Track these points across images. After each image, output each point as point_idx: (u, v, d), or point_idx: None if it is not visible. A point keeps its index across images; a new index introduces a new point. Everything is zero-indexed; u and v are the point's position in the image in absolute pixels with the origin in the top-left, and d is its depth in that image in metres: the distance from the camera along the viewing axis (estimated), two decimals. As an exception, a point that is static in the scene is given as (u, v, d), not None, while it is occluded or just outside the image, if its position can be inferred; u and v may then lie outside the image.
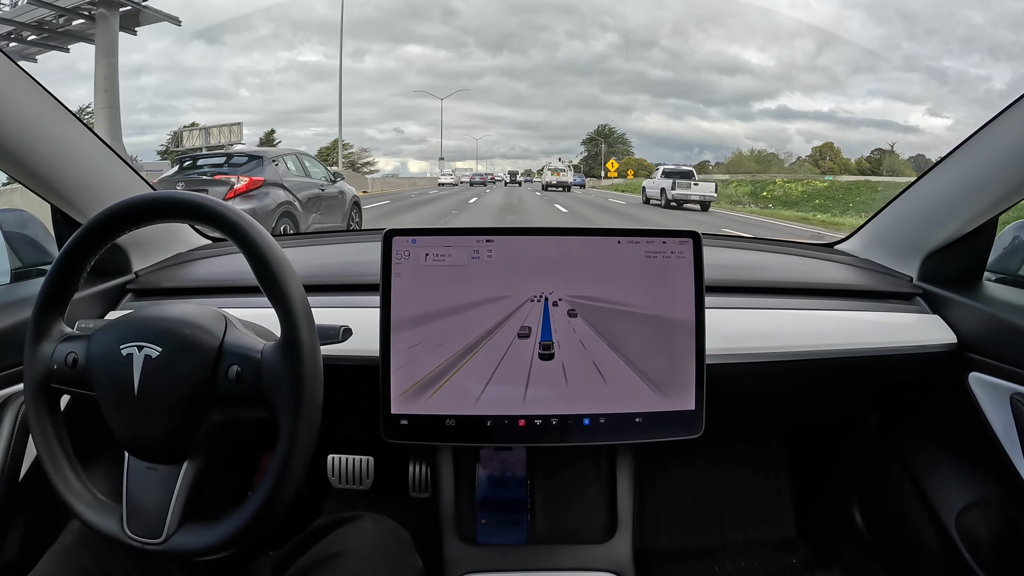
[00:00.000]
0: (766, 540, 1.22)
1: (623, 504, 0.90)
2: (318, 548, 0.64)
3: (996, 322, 0.80)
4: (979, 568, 0.84)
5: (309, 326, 0.54)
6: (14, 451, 0.71)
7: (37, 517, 0.76)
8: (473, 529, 0.88)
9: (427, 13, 77.50)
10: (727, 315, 0.84)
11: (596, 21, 73.41)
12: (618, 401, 0.70)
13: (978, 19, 53.49)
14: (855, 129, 49.89)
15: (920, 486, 0.95)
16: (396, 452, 0.93)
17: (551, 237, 0.71)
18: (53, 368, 0.56)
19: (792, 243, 1.20)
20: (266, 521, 0.52)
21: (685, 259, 0.71)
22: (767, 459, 1.27)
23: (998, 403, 0.79)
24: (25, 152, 0.73)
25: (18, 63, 0.70)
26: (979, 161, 0.82)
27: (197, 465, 0.55)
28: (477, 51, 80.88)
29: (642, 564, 0.90)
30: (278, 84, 65.10)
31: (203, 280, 0.93)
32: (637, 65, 71.31)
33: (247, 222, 0.54)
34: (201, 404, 0.53)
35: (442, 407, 0.69)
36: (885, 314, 0.89)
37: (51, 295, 0.57)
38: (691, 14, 68.88)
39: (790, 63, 59.56)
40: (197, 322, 0.55)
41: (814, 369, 0.85)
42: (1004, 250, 0.97)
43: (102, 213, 0.56)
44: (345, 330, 0.65)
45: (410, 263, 0.69)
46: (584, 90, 74.79)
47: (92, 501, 0.56)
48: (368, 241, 1.17)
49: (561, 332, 0.69)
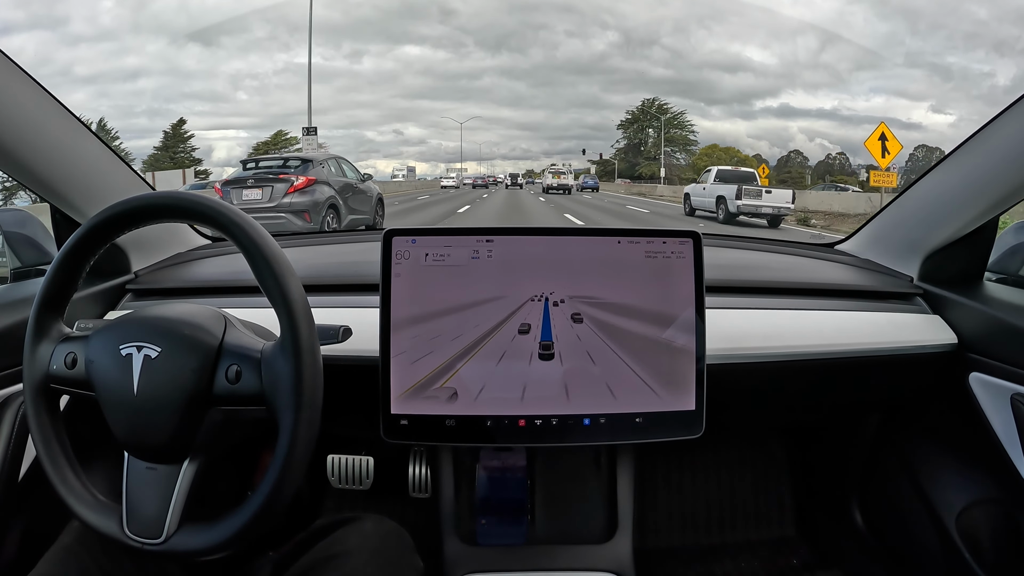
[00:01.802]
0: (766, 540, 1.22)
1: (623, 504, 0.90)
2: (318, 548, 0.64)
3: (997, 322, 0.80)
4: (979, 568, 0.84)
5: (309, 326, 0.54)
6: (14, 451, 0.71)
7: (37, 517, 0.76)
8: (473, 529, 0.88)
9: (425, 13, 77.33)
10: (727, 315, 0.84)
11: (596, 19, 73.22)
12: (618, 401, 0.70)
13: (982, 14, 53.29)
14: (858, 127, 49.60)
15: (920, 486, 0.95)
16: (396, 452, 0.93)
17: (551, 237, 0.71)
18: (52, 368, 0.56)
19: (792, 243, 1.20)
20: (266, 521, 0.52)
21: (685, 259, 0.71)
22: (767, 459, 1.27)
23: (998, 403, 0.79)
24: (25, 152, 0.73)
25: (17, 63, 0.70)
26: (979, 161, 0.82)
27: (197, 465, 0.55)
28: (476, 51, 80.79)
29: (642, 564, 0.90)
30: (276, 87, 65.02)
31: (203, 280, 0.93)
32: (638, 64, 71.00)
33: (246, 222, 0.54)
34: (200, 404, 0.53)
35: (442, 407, 0.69)
36: (885, 314, 0.89)
37: (50, 295, 0.57)
38: (692, 12, 68.49)
39: (792, 60, 59.07)
40: (197, 322, 0.55)
41: (814, 369, 0.85)
42: (1004, 250, 0.97)
43: (101, 213, 0.56)
44: (345, 330, 0.65)
45: (410, 263, 0.69)
46: (585, 90, 74.72)
47: (92, 501, 0.56)
48: (368, 241, 1.17)
49: (561, 332, 0.69)
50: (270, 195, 6.24)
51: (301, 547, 0.66)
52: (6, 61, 0.68)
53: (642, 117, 35.89)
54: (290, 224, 6.07)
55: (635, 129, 36.18)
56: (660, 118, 34.50)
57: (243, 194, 6.30)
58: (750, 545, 1.21)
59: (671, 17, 69.72)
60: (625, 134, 37.02)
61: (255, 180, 6.40)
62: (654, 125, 34.61)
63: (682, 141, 34.60)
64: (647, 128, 35.30)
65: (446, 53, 78.52)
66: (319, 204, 6.26)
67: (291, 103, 63.32)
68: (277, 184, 6.25)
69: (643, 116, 35.85)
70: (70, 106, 0.77)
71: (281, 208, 6.17)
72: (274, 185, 6.26)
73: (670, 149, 34.62)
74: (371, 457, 1.01)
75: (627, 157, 36.25)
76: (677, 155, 34.57)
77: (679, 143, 34.75)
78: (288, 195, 6.22)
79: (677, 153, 34.70)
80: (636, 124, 36.12)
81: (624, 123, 37.24)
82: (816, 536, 1.21)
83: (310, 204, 6.21)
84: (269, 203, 6.18)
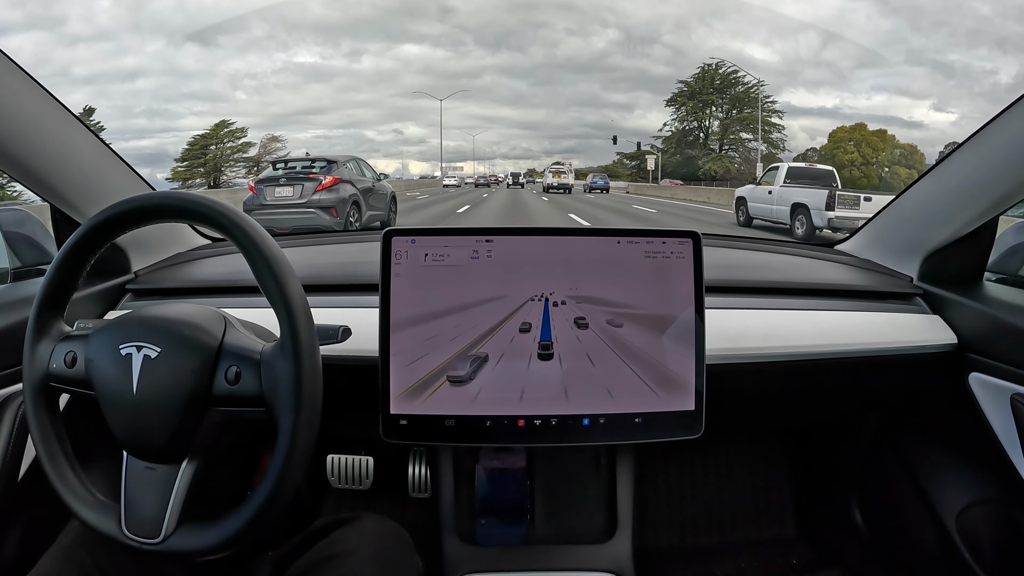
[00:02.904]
0: (766, 540, 1.22)
1: (623, 504, 0.90)
2: (318, 548, 0.64)
3: (996, 322, 0.79)
4: (979, 568, 0.84)
5: (308, 326, 0.54)
6: (13, 451, 0.71)
7: (36, 517, 0.76)
8: (473, 529, 0.88)
9: (424, 11, 77.40)
10: (727, 315, 0.84)
11: (596, 17, 73.18)
12: (618, 401, 0.70)
13: (985, 11, 52.96)
14: (859, 125, 49.30)
15: (920, 486, 0.95)
16: (395, 452, 0.93)
17: (551, 237, 0.71)
18: (52, 367, 0.56)
19: (792, 243, 1.20)
20: (265, 522, 0.52)
21: (685, 259, 0.71)
22: (767, 459, 1.27)
23: (998, 403, 0.79)
24: (24, 152, 0.73)
25: (17, 63, 0.70)
26: (979, 161, 0.82)
27: (196, 465, 0.55)
28: (476, 50, 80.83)
29: (642, 564, 0.90)
30: (275, 86, 65.12)
31: (202, 280, 0.93)
32: (639, 62, 70.94)
33: (246, 222, 0.54)
34: (200, 404, 0.53)
35: (441, 407, 0.69)
36: (885, 314, 0.89)
37: (50, 295, 0.57)
38: (693, 9, 68.33)
39: (794, 59, 58.41)
40: (196, 322, 0.55)
41: (814, 369, 0.85)
42: (1004, 250, 0.97)
43: (101, 213, 0.56)
44: (344, 330, 0.65)
45: (409, 263, 0.69)
46: (585, 88, 74.66)
47: (91, 501, 0.56)
48: (368, 241, 1.17)
49: (561, 332, 0.69)
50: (300, 192, 6.75)
51: (301, 547, 0.66)
52: (6, 61, 0.68)
53: (702, 90, 22.69)
54: (318, 219, 6.57)
55: (691, 107, 23.35)
56: (729, 91, 21.54)
57: (275, 192, 6.83)
58: (750, 545, 1.21)
59: (672, 15, 69.62)
60: (676, 113, 24.25)
61: (286, 179, 6.94)
62: (715, 103, 21.38)
63: (756, 122, 21.03)
64: (709, 106, 22.04)
65: (445, 52, 78.61)
66: (344, 201, 6.81)
67: (290, 103, 63.39)
68: (307, 183, 6.78)
69: (703, 88, 22.59)
70: (69, 106, 0.77)
71: (311, 204, 6.66)
72: (304, 183, 6.78)
73: (746, 136, 21.66)
74: (371, 457, 1.01)
75: (678, 147, 23.98)
76: (753, 144, 21.56)
77: (747, 122, 21.37)
78: (317, 192, 6.71)
79: (752, 142, 21.79)
80: (693, 100, 23.18)
81: (675, 97, 24.04)
82: (816, 536, 1.21)
83: (336, 201, 6.72)
84: (300, 199, 6.70)
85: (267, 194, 6.83)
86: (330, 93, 69.73)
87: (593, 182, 24.91)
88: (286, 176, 7.03)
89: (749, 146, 21.95)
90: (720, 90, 22.48)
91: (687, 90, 23.93)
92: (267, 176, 7.29)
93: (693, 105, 23.93)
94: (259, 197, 6.88)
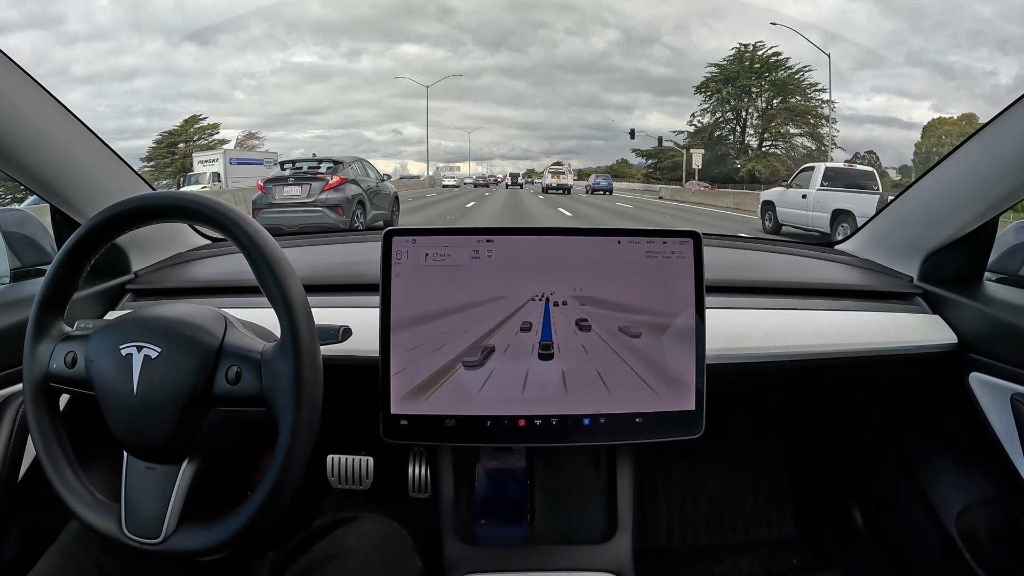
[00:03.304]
0: (766, 540, 1.22)
1: (623, 504, 0.90)
2: (318, 548, 0.64)
3: (996, 322, 0.80)
4: (979, 568, 0.84)
5: (309, 326, 0.53)
6: (13, 451, 0.71)
7: (36, 517, 0.76)
8: (473, 529, 0.88)
9: (423, 11, 77.20)
10: (727, 315, 0.84)
11: (596, 17, 72.98)
12: (618, 401, 0.70)
13: (986, 12, 52.86)
14: (859, 126, 48.98)
15: (920, 486, 0.95)
16: (396, 452, 0.93)
17: (551, 237, 0.71)
18: (52, 368, 0.56)
19: (792, 243, 1.20)
20: (265, 521, 0.52)
21: (685, 259, 0.71)
22: (767, 459, 1.27)
23: (998, 403, 0.79)
24: (24, 152, 0.73)
25: (17, 62, 0.70)
26: (979, 161, 0.82)
27: (196, 465, 0.55)
28: (475, 50, 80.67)
29: (642, 564, 0.90)
30: (274, 86, 65.00)
31: (203, 280, 0.93)
32: (638, 63, 70.72)
33: (246, 222, 0.54)
34: (200, 404, 0.53)
35: (442, 407, 0.69)
36: (885, 314, 0.89)
37: (50, 295, 0.57)
38: (693, 9, 67.98)
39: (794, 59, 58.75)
40: (197, 322, 0.55)
41: (814, 369, 0.85)
42: (1004, 250, 0.97)
43: (102, 213, 0.56)
44: (345, 330, 0.65)
45: (410, 263, 0.69)
46: (585, 89, 74.56)
47: (91, 501, 0.56)
48: (368, 241, 1.17)
49: (561, 332, 0.69)
50: (308, 191, 7.00)
51: (300, 547, 0.66)
52: (5, 61, 0.68)
53: (740, 73, 18.30)
54: (326, 217, 6.80)
55: (726, 95, 18.76)
56: (770, 75, 16.94)
57: (284, 191, 7.08)
58: (750, 545, 1.21)
59: (672, 15, 69.46)
60: (707, 102, 19.55)
61: (295, 178, 7.24)
62: (755, 88, 16.70)
63: (804, 114, 16.75)
64: (748, 93, 17.45)
65: (445, 52, 78.50)
66: (350, 200, 7.11)
67: (289, 102, 63.34)
68: (314, 182, 7.06)
69: (741, 72, 18.21)
70: (69, 105, 0.77)
71: (319, 203, 6.91)
72: (311, 183, 7.04)
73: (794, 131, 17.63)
74: (371, 457, 1.01)
75: (709, 142, 19.80)
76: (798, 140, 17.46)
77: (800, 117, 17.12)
78: (324, 192, 6.98)
79: (797, 136, 17.76)
80: (728, 86, 18.67)
81: (707, 82, 19.58)
82: (816, 536, 1.21)
83: (343, 200, 7.00)
84: (308, 199, 6.95)
85: (276, 193, 7.05)
86: (329, 93, 69.72)
87: (596, 183, 24.43)
88: (294, 176, 7.32)
89: (795, 142, 18.46)
90: (759, 74, 19.10)
91: (720, 75, 20.31)
92: (275, 176, 7.62)
93: (728, 92, 20.10)
94: (268, 196, 7.07)
